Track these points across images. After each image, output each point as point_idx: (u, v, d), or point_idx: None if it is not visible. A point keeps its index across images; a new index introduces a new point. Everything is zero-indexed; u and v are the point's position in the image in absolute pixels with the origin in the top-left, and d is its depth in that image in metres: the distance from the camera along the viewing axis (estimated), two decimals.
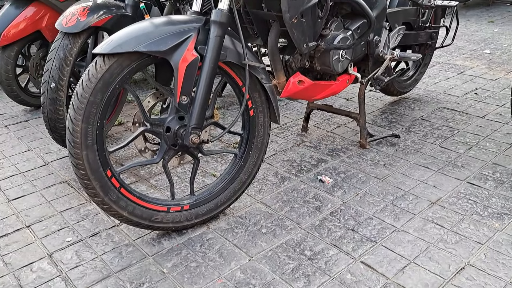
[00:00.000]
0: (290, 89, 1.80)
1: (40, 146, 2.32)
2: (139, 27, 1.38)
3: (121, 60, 1.34)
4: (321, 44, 1.73)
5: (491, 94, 2.71)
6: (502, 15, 4.96)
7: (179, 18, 1.44)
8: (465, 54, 3.57)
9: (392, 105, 2.63)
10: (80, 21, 1.87)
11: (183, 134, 1.45)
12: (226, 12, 1.40)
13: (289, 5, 1.49)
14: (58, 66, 1.87)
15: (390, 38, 2.06)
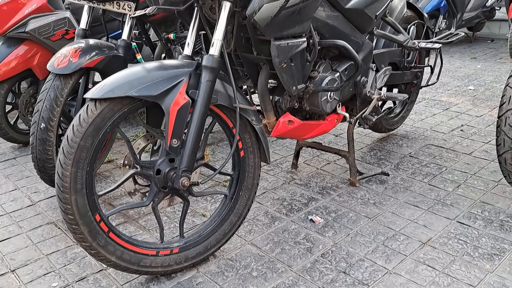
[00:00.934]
0: (280, 129, 1.81)
1: (28, 185, 2.29)
2: (131, 72, 1.39)
3: (112, 105, 1.35)
4: (310, 86, 1.76)
5: (477, 131, 2.76)
6: (484, 52, 5.11)
7: (171, 63, 1.46)
8: (450, 90, 3.65)
9: (380, 142, 2.67)
10: (72, 63, 1.89)
11: (174, 176, 1.44)
12: (217, 57, 1.43)
13: (279, 50, 1.53)
14: (48, 107, 1.88)
15: (377, 79, 2.10)
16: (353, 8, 1.82)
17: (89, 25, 2.18)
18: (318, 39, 1.70)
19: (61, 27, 2.56)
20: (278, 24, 1.48)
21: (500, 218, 1.82)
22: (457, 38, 2.33)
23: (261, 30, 1.47)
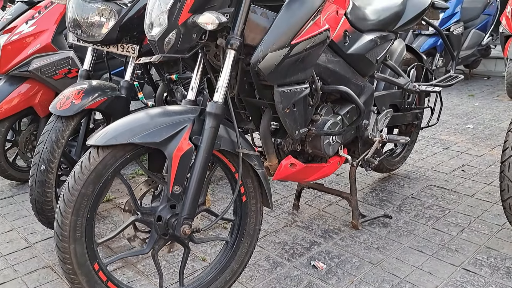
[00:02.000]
0: (282, 172, 1.80)
1: (25, 225, 2.25)
2: (134, 118, 1.39)
3: (115, 152, 1.34)
4: (312, 129, 1.76)
5: (478, 171, 2.75)
6: (481, 89, 5.18)
7: (175, 109, 1.46)
8: (449, 128, 3.67)
9: (382, 182, 2.65)
10: (74, 104, 1.89)
11: (175, 224, 1.42)
12: (221, 104, 1.43)
13: (282, 97, 1.53)
14: (49, 148, 1.86)
15: (378, 121, 2.11)
16: (354, 53, 1.85)
17: (92, 66, 2.20)
18: (321, 84, 1.71)
19: (64, 66, 2.58)
20: (281, 72, 1.49)
21: (507, 265, 1.79)
22: (456, 81, 2.35)
23: (265, 78, 1.48)
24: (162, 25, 1.36)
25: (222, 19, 1.31)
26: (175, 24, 1.35)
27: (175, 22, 1.34)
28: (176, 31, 1.35)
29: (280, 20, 1.45)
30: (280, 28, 1.44)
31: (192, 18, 1.34)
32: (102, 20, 1.90)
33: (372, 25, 1.97)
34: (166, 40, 1.37)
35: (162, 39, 1.37)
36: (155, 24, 1.38)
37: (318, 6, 1.50)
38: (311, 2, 1.48)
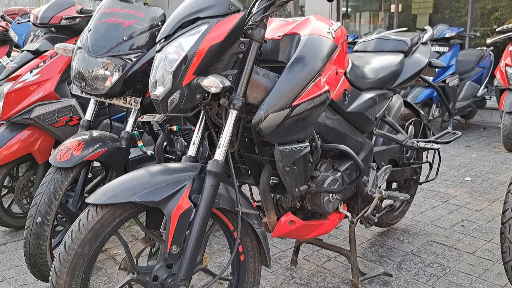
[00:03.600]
0: (281, 229, 1.78)
1: (16, 276, 2.20)
2: (134, 176, 1.39)
3: (114, 210, 1.33)
4: (312, 186, 1.76)
5: (478, 227, 2.73)
6: (477, 140, 5.22)
7: (175, 166, 1.46)
8: (447, 180, 3.67)
9: (381, 236, 2.62)
10: (74, 156, 1.89)
11: (171, 284, 1.39)
12: (222, 163, 1.43)
13: (282, 155, 1.54)
14: (46, 200, 1.85)
15: (377, 177, 2.11)
16: (353, 111, 1.88)
17: (94, 116, 2.22)
18: (321, 142, 1.72)
19: (65, 114, 2.59)
20: (282, 131, 1.51)
21: None
22: (454, 138, 2.38)
23: (266, 137, 1.49)
24: (166, 85, 1.38)
25: (226, 83, 1.33)
26: (179, 85, 1.37)
27: (179, 83, 1.37)
28: (180, 92, 1.38)
29: (282, 82, 1.48)
30: (282, 89, 1.47)
31: (196, 80, 1.36)
32: (107, 74, 1.94)
33: (370, 83, 2.01)
34: (169, 100, 1.39)
35: (165, 99, 1.39)
36: (160, 84, 1.40)
37: (319, 68, 1.54)
38: (312, 64, 1.52)
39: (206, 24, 1.37)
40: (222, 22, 1.37)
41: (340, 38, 1.70)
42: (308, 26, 1.61)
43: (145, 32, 2.00)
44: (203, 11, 1.39)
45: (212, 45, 1.35)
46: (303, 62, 1.50)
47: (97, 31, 1.94)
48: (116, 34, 1.93)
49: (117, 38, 1.93)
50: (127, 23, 1.96)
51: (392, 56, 2.21)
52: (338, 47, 1.65)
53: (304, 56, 1.51)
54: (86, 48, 1.93)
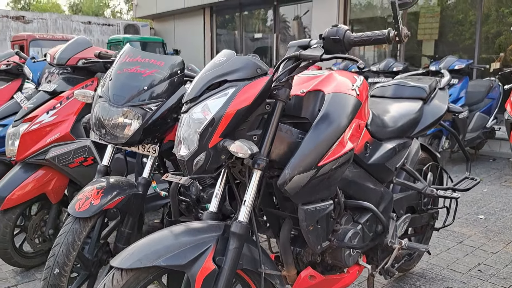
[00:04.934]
0: (301, 284, 1.75)
1: None
2: (158, 238, 1.37)
3: (138, 274, 1.31)
4: (334, 242, 1.73)
5: (495, 272, 2.68)
6: (488, 172, 5.19)
7: (198, 226, 1.44)
8: (460, 218, 3.63)
9: (397, 282, 2.57)
10: (93, 205, 1.88)
11: None
12: (245, 224, 1.42)
13: (306, 215, 1.52)
14: (64, 251, 1.83)
15: (397, 227, 2.09)
16: (375, 163, 1.86)
17: (111, 162, 2.21)
18: (343, 197, 1.71)
19: (80, 154, 2.59)
20: (307, 192, 1.49)
21: None
22: (473, 185, 2.36)
23: (291, 197, 1.48)
24: (192, 146, 1.38)
25: (254, 149, 1.33)
26: (205, 147, 1.37)
27: (205, 144, 1.37)
28: (205, 153, 1.37)
29: (307, 142, 1.47)
30: (307, 150, 1.46)
31: (222, 142, 1.36)
32: (127, 123, 1.94)
33: (390, 133, 2.01)
34: (195, 161, 1.38)
35: (191, 160, 1.38)
36: (185, 144, 1.40)
37: (345, 127, 1.54)
38: (338, 124, 1.51)
39: (233, 87, 1.37)
40: (250, 86, 1.37)
41: (364, 93, 1.70)
42: (332, 82, 1.61)
43: (165, 81, 2.02)
44: (230, 74, 1.39)
45: (239, 109, 1.35)
46: (328, 122, 1.50)
47: (118, 81, 1.95)
48: (136, 83, 1.94)
49: (137, 87, 1.94)
50: (148, 72, 1.97)
51: (411, 103, 2.21)
52: (362, 103, 1.65)
53: (329, 115, 1.51)
54: (107, 97, 1.93)
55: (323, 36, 1.42)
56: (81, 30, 13.60)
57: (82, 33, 13.60)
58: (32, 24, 12.74)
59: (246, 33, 12.25)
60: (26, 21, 12.64)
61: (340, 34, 1.39)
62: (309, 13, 10.15)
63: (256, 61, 1.42)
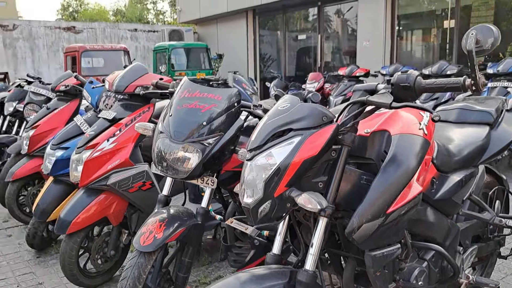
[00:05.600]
0: None
1: None
2: (224, 285, 1.38)
3: None
4: (400, 282, 1.68)
5: None
6: None
7: (263, 273, 1.43)
8: None
9: None
10: (157, 239, 1.93)
11: None
12: (312, 273, 1.40)
13: (374, 261, 1.49)
14: (131, 285, 1.89)
15: (464, 261, 2.00)
16: (441, 198, 1.79)
17: (170, 192, 2.26)
18: (409, 238, 1.66)
19: (139, 180, 2.66)
20: (375, 239, 1.46)
21: None
22: None
23: (358, 245, 1.45)
24: (257, 194, 1.37)
25: (323, 204, 1.31)
26: (271, 196, 1.36)
27: (271, 193, 1.36)
28: (271, 202, 1.36)
29: (375, 188, 1.43)
30: (375, 196, 1.42)
31: (288, 192, 1.35)
32: (187, 159, 1.96)
33: (456, 163, 1.92)
34: (260, 209, 1.38)
35: (256, 208, 1.38)
36: (250, 192, 1.40)
37: (414, 171, 1.48)
38: (406, 168, 1.45)
39: (299, 136, 1.36)
40: (316, 135, 1.35)
41: (432, 129, 1.63)
42: (397, 122, 1.56)
43: (223, 114, 2.03)
44: (296, 123, 1.38)
45: (306, 158, 1.33)
46: (396, 166, 1.45)
47: (178, 117, 1.98)
48: (196, 119, 1.96)
49: (197, 123, 1.96)
50: (207, 107, 1.99)
51: (477, 129, 2.10)
52: (430, 143, 1.58)
53: (397, 158, 1.46)
54: (168, 133, 1.97)
55: (392, 82, 1.37)
56: (127, 38, 14.02)
57: (129, 41, 14.02)
58: (82, 34, 13.28)
59: (289, 34, 12.19)
60: (77, 31, 13.18)
61: (411, 81, 1.34)
62: (355, 12, 9.95)
63: (321, 109, 1.40)
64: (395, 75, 1.38)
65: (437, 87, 1.33)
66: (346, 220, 1.50)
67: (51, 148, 3.25)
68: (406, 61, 9.18)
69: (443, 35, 8.83)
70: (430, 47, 9.34)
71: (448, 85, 1.30)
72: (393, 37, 9.00)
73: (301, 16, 12.10)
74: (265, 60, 12.98)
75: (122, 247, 2.90)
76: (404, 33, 9.71)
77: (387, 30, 8.95)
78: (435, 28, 9.05)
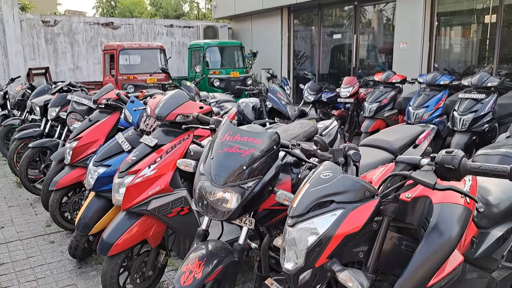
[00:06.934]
0: None
1: None
2: None
3: None
4: None
5: None
6: None
7: None
8: None
9: None
10: (196, 279, 1.99)
11: None
12: None
13: None
14: None
15: None
16: (481, 256, 1.78)
17: (208, 227, 2.32)
18: None
19: (177, 205, 2.75)
20: None
21: None
22: None
23: None
24: (299, 262, 1.41)
25: (364, 283, 1.33)
26: (312, 265, 1.40)
27: (312, 263, 1.40)
28: (311, 271, 1.40)
29: (416, 259, 1.43)
30: (415, 269, 1.42)
31: (330, 264, 1.38)
32: (227, 201, 2.02)
33: (496, 217, 1.90)
34: (301, 276, 1.42)
35: (297, 275, 1.42)
36: (292, 259, 1.44)
37: (457, 242, 1.47)
38: (449, 241, 1.45)
39: (341, 209, 1.38)
40: (359, 210, 1.37)
41: (474, 193, 1.62)
42: None
43: (262, 158, 2.06)
44: (338, 195, 1.40)
45: (348, 234, 1.36)
46: (438, 238, 1.45)
47: (219, 161, 2.03)
48: (236, 164, 2.01)
49: (237, 168, 2.00)
50: (247, 152, 2.03)
51: None
52: (472, 211, 1.57)
53: (439, 230, 1.46)
54: (209, 176, 2.03)
55: (436, 161, 1.37)
56: (163, 33, 14.19)
57: (165, 36, 14.19)
58: (120, 29, 13.54)
59: (324, 31, 12.06)
60: (115, 27, 13.45)
61: (455, 163, 1.33)
62: (392, 12, 9.74)
63: (363, 183, 1.41)
64: (440, 154, 1.37)
65: (482, 171, 1.32)
66: (385, 284, 1.52)
67: (94, 165, 3.39)
68: (445, 65, 8.94)
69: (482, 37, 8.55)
70: (469, 49, 9.06)
71: (495, 172, 1.29)
72: (431, 40, 8.77)
73: (337, 14, 11.93)
74: (299, 57, 12.90)
75: (160, 267, 3.01)
76: (443, 36, 9.45)
77: (426, 32, 8.72)
78: (475, 31, 8.76)
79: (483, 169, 1.31)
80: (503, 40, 7.91)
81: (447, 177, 1.37)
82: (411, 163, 1.45)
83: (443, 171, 1.37)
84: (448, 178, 1.37)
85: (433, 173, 1.36)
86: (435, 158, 1.38)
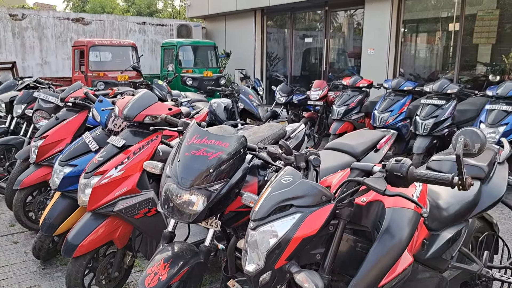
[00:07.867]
0: None
1: None
2: None
3: None
4: None
5: None
6: None
7: None
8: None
9: None
10: (161, 281, 2.03)
11: None
12: None
13: None
14: None
15: None
16: (431, 257, 1.88)
17: (175, 229, 2.36)
18: None
19: (145, 206, 2.76)
20: None
21: None
22: None
23: None
24: (259, 264, 1.47)
25: (319, 284, 1.41)
26: (272, 267, 1.46)
27: (272, 265, 1.46)
28: (271, 273, 1.47)
29: (369, 261, 1.52)
30: (368, 269, 1.51)
31: (288, 266, 1.45)
32: (193, 203, 2.06)
33: (446, 220, 2.01)
34: (261, 278, 1.48)
35: (257, 276, 1.48)
36: (253, 261, 1.50)
37: (406, 244, 1.56)
38: (399, 242, 1.54)
39: (300, 213, 1.45)
40: (316, 214, 1.45)
41: (423, 200, 1.72)
42: None
43: (229, 161, 2.11)
44: (297, 199, 1.47)
45: (305, 237, 1.43)
46: (389, 240, 1.55)
47: (186, 164, 2.07)
48: (203, 167, 2.05)
49: (204, 170, 2.05)
50: (214, 154, 2.08)
51: None
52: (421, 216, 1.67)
53: (390, 232, 1.56)
54: (175, 179, 2.06)
55: (386, 169, 1.46)
56: (136, 31, 14.03)
57: (137, 33, 14.03)
58: (90, 25, 13.30)
59: (296, 34, 12.21)
60: (85, 22, 13.21)
61: (403, 171, 1.43)
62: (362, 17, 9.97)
63: (321, 188, 1.49)
64: (390, 162, 1.47)
65: (427, 179, 1.41)
66: (341, 284, 1.60)
67: (60, 164, 3.35)
68: (410, 70, 9.23)
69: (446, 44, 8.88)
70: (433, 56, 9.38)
71: (438, 180, 1.39)
72: (397, 47, 9.04)
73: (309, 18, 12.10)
74: (272, 59, 13.02)
75: (126, 268, 3.02)
76: (409, 42, 9.75)
77: (392, 39, 8.98)
78: (439, 38, 9.09)
79: (428, 177, 1.41)
80: (464, 48, 8.25)
81: (396, 184, 1.46)
82: (364, 170, 1.54)
83: (392, 178, 1.46)
84: (397, 185, 1.46)
85: (383, 180, 1.45)
86: (386, 165, 1.47)
